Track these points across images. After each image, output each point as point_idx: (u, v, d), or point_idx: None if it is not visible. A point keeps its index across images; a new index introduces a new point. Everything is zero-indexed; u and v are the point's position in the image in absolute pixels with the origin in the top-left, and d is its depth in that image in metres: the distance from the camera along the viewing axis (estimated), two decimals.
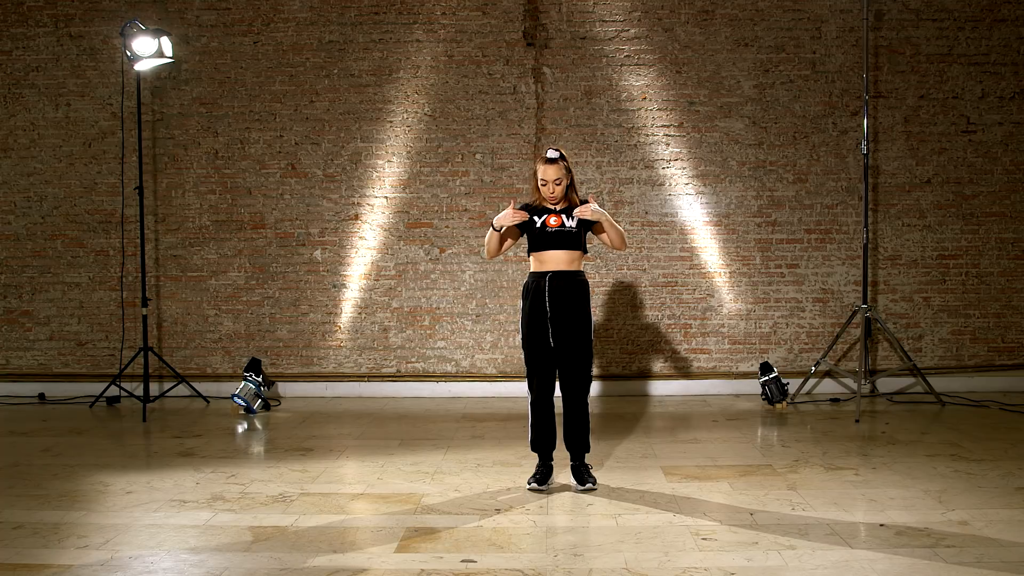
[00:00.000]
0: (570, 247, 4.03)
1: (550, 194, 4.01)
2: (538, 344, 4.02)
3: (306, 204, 6.69)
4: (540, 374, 4.06)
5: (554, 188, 3.99)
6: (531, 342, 4.04)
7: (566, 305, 3.99)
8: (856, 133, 6.48)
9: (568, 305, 4.00)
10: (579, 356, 4.02)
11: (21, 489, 4.14)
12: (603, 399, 6.49)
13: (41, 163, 6.73)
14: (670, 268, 6.65)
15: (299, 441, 5.19)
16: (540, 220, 4.04)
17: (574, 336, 4.01)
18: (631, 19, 6.61)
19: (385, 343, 6.71)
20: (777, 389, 6.01)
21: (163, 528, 3.54)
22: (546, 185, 4.00)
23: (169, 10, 6.64)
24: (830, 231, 6.62)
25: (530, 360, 4.07)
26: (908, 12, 6.57)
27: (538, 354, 4.04)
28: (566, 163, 4.02)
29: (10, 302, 6.77)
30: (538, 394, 4.08)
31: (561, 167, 3.99)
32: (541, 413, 4.09)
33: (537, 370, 4.06)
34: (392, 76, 6.65)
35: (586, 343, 4.04)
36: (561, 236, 4.01)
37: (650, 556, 3.17)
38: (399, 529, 3.52)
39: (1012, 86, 6.59)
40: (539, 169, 4.03)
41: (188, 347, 6.74)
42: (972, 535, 3.34)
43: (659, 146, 6.63)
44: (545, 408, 4.09)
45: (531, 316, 4.02)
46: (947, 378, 6.50)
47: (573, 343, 4.01)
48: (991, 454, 4.63)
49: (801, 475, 4.27)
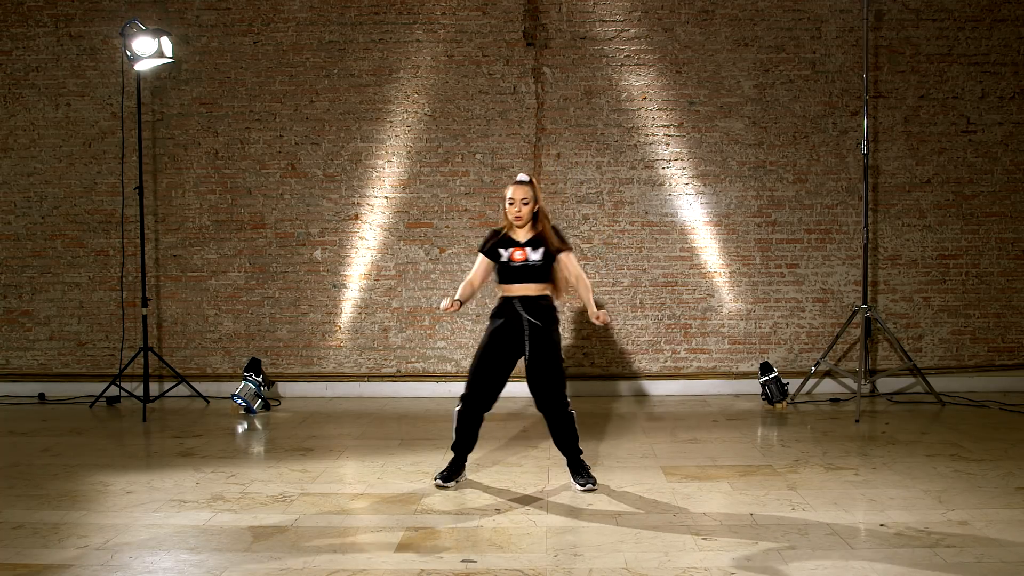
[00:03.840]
0: (535, 280, 4.11)
1: (516, 213, 4.09)
2: (498, 361, 4.10)
3: (306, 204, 6.69)
4: (491, 389, 4.13)
5: (520, 207, 4.08)
6: (490, 358, 4.10)
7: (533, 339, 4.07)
8: (856, 133, 6.49)
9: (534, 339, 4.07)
10: (551, 370, 4.08)
11: (21, 489, 4.14)
12: (603, 399, 6.49)
13: (41, 163, 6.73)
14: (670, 268, 6.65)
15: (299, 441, 5.19)
16: (506, 254, 4.12)
17: (545, 351, 4.07)
18: (631, 19, 6.61)
19: (385, 343, 6.71)
20: (777, 389, 6.01)
21: (163, 528, 3.54)
22: (513, 204, 4.10)
23: (169, 10, 6.64)
24: (830, 231, 6.63)
25: (481, 373, 4.11)
26: (908, 12, 6.58)
27: (493, 370, 4.11)
28: (534, 189, 4.12)
29: (10, 302, 6.77)
30: (479, 406, 4.15)
31: (528, 189, 4.10)
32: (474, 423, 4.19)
33: (485, 384, 4.12)
34: (392, 76, 6.65)
35: (556, 356, 4.11)
36: (526, 270, 4.09)
37: (650, 556, 3.17)
38: (399, 529, 3.52)
39: (1012, 86, 6.59)
40: (508, 189, 4.14)
41: (188, 347, 6.74)
42: (972, 535, 3.35)
43: (659, 146, 6.63)
44: (479, 419, 4.19)
45: (499, 333, 4.09)
46: (947, 378, 6.51)
47: (544, 358, 4.07)
48: (991, 454, 4.64)
49: (801, 475, 4.28)
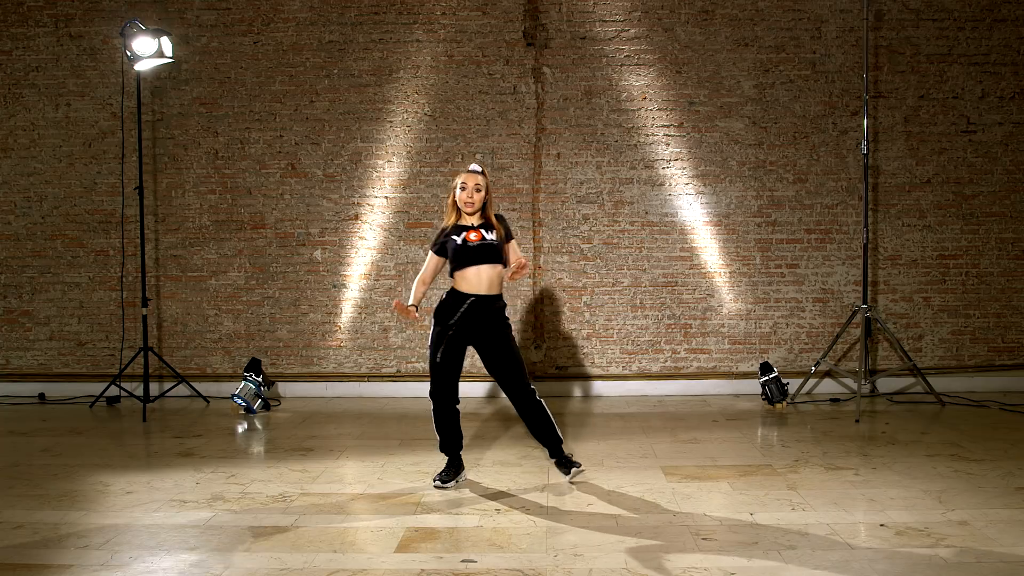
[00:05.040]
0: (494, 260, 4.13)
1: (468, 199, 4.13)
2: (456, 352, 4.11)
3: (306, 204, 6.69)
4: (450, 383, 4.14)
5: (472, 193, 4.14)
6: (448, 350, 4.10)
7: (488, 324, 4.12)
8: (856, 133, 6.49)
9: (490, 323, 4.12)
10: (511, 362, 4.14)
11: (21, 489, 4.14)
12: (603, 399, 6.49)
13: (41, 163, 6.73)
14: (670, 268, 6.65)
15: (299, 441, 5.19)
16: (460, 238, 4.14)
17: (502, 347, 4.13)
18: (631, 19, 6.61)
19: (385, 343, 6.71)
20: (777, 389, 6.01)
21: (163, 528, 3.54)
22: (465, 189, 4.14)
23: (169, 10, 6.64)
24: (830, 231, 6.63)
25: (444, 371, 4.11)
26: (908, 12, 6.58)
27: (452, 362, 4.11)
28: (486, 179, 4.22)
29: (10, 302, 6.77)
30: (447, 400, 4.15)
31: (482, 178, 4.19)
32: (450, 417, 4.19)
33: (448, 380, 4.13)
34: (392, 76, 6.65)
35: (512, 348, 4.16)
36: (484, 250, 4.11)
37: (650, 556, 3.17)
38: (399, 529, 3.52)
39: (1012, 86, 6.59)
40: (460, 177, 4.19)
41: (188, 347, 6.74)
42: (972, 535, 3.35)
43: (659, 146, 6.63)
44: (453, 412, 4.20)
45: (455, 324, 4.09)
46: (947, 378, 6.51)
47: (503, 353, 4.13)
48: (991, 454, 4.64)
49: (801, 475, 4.28)
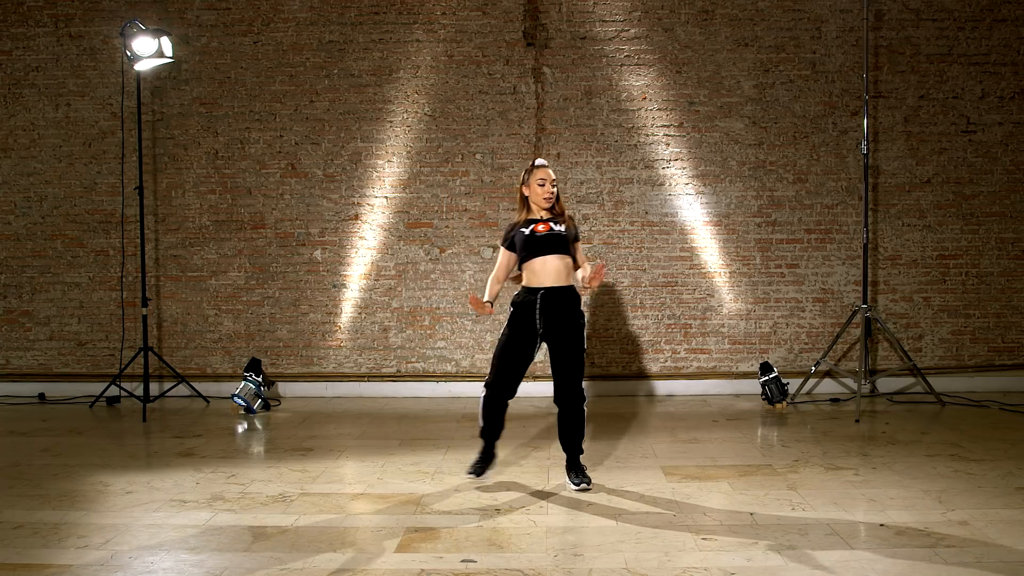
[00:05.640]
0: (562, 251, 4.10)
1: (548, 193, 4.14)
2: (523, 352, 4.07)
3: (306, 204, 6.69)
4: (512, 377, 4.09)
5: (551, 188, 4.16)
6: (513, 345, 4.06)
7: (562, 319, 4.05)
8: (856, 133, 6.49)
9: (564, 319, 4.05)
10: (575, 364, 4.06)
11: (21, 489, 4.14)
12: (603, 399, 6.49)
13: (41, 163, 6.73)
14: (670, 268, 6.65)
15: (299, 441, 5.19)
16: (528, 229, 4.13)
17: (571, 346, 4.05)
18: (631, 19, 6.61)
19: (385, 343, 6.71)
20: (777, 389, 6.01)
21: (163, 528, 3.54)
22: (544, 185, 4.14)
23: (169, 10, 6.64)
24: (830, 231, 6.62)
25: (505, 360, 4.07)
26: (908, 12, 6.58)
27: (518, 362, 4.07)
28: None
29: (10, 302, 6.77)
30: (502, 393, 4.11)
31: (552, 172, 4.20)
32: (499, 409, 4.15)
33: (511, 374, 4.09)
34: (392, 76, 6.65)
35: (581, 350, 4.09)
36: (551, 239, 4.09)
37: (650, 556, 3.17)
38: (399, 529, 3.52)
39: (1012, 86, 6.59)
40: (536, 172, 4.17)
41: (188, 347, 6.74)
42: (972, 535, 3.35)
43: (659, 146, 6.63)
44: (503, 405, 4.15)
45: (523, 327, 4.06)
46: (947, 378, 6.51)
47: (571, 352, 4.05)
48: (991, 454, 4.64)
49: (801, 475, 4.28)
